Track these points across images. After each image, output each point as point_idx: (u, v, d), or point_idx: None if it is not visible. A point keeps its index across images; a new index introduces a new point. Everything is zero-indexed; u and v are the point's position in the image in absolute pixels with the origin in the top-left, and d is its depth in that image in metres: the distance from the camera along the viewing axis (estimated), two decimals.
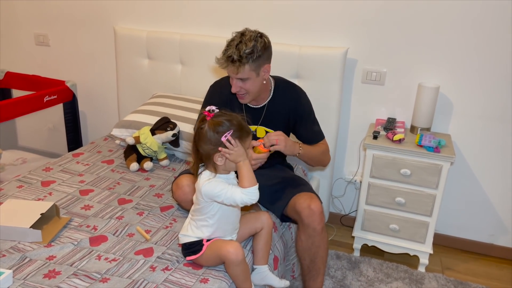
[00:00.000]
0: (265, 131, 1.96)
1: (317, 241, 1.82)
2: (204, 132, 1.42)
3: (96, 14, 2.96)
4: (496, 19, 2.19)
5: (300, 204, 1.80)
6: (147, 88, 2.87)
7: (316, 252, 1.84)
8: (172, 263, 1.57)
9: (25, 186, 2.05)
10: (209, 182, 1.44)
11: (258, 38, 1.73)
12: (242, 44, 1.70)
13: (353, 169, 2.71)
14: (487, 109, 2.35)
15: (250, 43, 1.70)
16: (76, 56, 3.14)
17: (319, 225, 1.78)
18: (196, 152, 1.47)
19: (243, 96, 1.85)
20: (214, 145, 1.41)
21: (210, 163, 1.46)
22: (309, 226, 1.79)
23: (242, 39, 1.71)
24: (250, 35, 1.73)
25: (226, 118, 1.43)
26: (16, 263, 1.53)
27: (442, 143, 2.21)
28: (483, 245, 2.59)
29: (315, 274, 1.90)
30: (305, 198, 1.82)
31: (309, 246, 1.83)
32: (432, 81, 2.38)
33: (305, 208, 1.78)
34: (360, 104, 2.57)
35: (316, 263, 1.87)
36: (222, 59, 1.73)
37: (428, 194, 2.25)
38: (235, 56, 1.69)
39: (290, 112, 1.95)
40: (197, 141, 1.45)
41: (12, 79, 3.09)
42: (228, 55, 1.70)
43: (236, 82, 1.79)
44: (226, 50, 1.72)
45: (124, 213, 1.88)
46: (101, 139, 2.68)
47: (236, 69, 1.72)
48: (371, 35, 2.42)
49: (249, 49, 1.69)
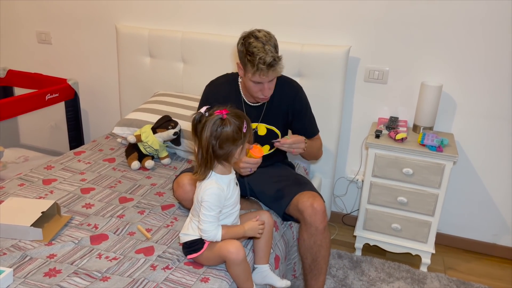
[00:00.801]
0: (266, 128, 1.96)
1: (319, 240, 1.81)
2: (228, 131, 1.41)
3: (98, 12, 2.96)
4: (499, 18, 2.17)
5: (303, 203, 1.80)
6: (149, 86, 2.86)
7: (318, 251, 1.84)
8: (172, 262, 1.56)
9: (26, 184, 2.05)
10: (210, 196, 1.45)
11: (270, 34, 1.73)
12: (267, 45, 1.68)
13: (355, 168, 2.70)
14: (490, 108, 2.34)
15: (271, 41, 1.70)
16: (78, 54, 3.14)
17: (321, 224, 1.78)
18: (212, 154, 1.43)
19: (269, 95, 1.83)
20: (237, 140, 1.42)
21: (225, 162, 1.47)
22: (311, 225, 1.79)
23: (263, 41, 1.68)
24: (264, 35, 1.70)
25: (234, 111, 1.45)
26: (16, 261, 1.53)
27: (445, 142, 2.19)
28: (486, 245, 2.58)
29: (317, 273, 1.89)
30: (308, 196, 1.81)
31: (311, 245, 1.83)
32: (435, 79, 2.37)
33: (308, 207, 1.78)
34: (362, 103, 2.56)
35: (318, 262, 1.87)
36: (260, 70, 1.67)
37: (430, 194, 2.23)
38: (276, 60, 1.67)
39: (288, 107, 1.96)
40: (219, 143, 1.41)
41: (14, 77, 3.10)
42: (268, 63, 1.66)
43: (268, 85, 1.76)
44: (262, 57, 1.65)
45: (125, 212, 1.88)
46: (103, 138, 2.68)
47: (275, 71, 1.70)
48: (374, 33, 2.40)
49: (274, 47, 1.70)
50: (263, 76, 1.69)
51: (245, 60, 1.70)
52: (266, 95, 1.80)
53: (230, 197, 1.50)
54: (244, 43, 1.70)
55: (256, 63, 1.66)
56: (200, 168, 1.47)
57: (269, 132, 1.97)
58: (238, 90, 1.94)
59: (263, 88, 1.76)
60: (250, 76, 1.72)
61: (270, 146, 2.01)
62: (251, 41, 1.69)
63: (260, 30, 1.74)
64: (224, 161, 1.47)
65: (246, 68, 1.72)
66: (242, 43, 1.71)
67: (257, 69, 1.67)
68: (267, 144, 2.00)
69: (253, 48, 1.67)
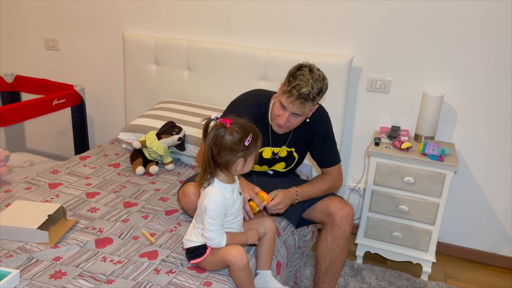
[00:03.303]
0: (286, 150, 1.97)
1: (343, 244, 1.90)
2: (227, 140, 1.43)
3: (105, 19, 3.01)
4: (501, 29, 2.21)
5: (334, 206, 1.88)
6: (154, 93, 2.90)
7: (339, 255, 1.92)
8: (176, 266, 1.59)
9: (33, 188, 2.08)
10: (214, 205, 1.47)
11: (325, 79, 1.70)
12: (314, 82, 1.64)
13: (356, 177, 2.72)
14: (491, 118, 2.36)
15: (321, 83, 1.66)
16: (84, 61, 3.19)
17: (348, 229, 1.88)
18: (211, 160, 1.46)
19: (284, 128, 1.79)
20: (236, 152, 1.44)
21: (225, 171, 1.49)
22: (339, 228, 1.87)
23: (313, 76, 1.65)
24: (319, 75, 1.67)
25: (242, 123, 1.47)
26: (23, 263, 1.55)
27: (446, 152, 2.22)
28: (486, 255, 2.59)
29: (331, 277, 1.96)
30: (339, 201, 1.91)
31: (334, 247, 1.90)
32: (437, 90, 2.40)
33: (339, 210, 1.86)
34: (364, 112, 2.59)
35: (335, 265, 1.94)
36: (291, 94, 1.64)
37: (431, 203, 2.25)
38: (311, 96, 1.64)
39: (309, 130, 1.92)
40: (218, 150, 1.44)
41: (21, 83, 3.14)
42: (302, 92, 1.62)
43: (289, 116, 1.72)
44: (299, 85, 1.63)
45: (129, 216, 1.91)
46: (108, 143, 2.72)
47: (303, 107, 1.66)
48: (376, 43, 2.44)
49: (319, 89, 1.66)
50: (289, 101, 1.66)
51: (287, 79, 1.69)
52: (281, 123, 1.74)
53: (232, 205, 1.52)
54: (297, 67, 1.69)
55: (292, 86, 1.64)
56: (202, 173, 1.50)
57: (289, 153, 1.99)
58: (266, 113, 1.90)
59: (283, 115, 1.72)
60: (280, 93, 1.71)
61: (286, 165, 2.02)
62: (304, 69, 1.67)
63: (319, 69, 1.71)
64: (224, 169, 1.49)
65: (284, 85, 1.70)
66: (296, 67, 1.70)
67: (289, 92, 1.65)
68: (283, 162, 2.01)
69: (300, 75, 1.65)
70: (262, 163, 1.98)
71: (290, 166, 2.03)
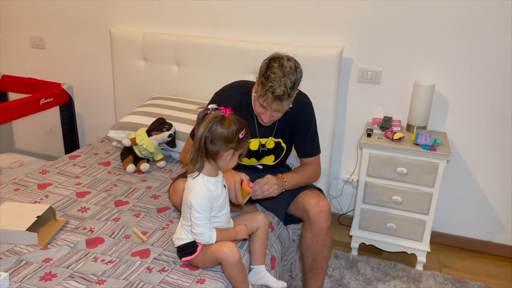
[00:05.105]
0: (273, 141, 1.95)
1: (322, 239, 1.84)
2: (224, 128, 1.41)
3: (91, 16, 2.96)
4: (490, 18, 2.20)
5: (308, 202, 1.81)
6: (144, 90, 2.87)
7: (320, 251, 1.86)
8: (168, 264, 1.57)
9: (21, 189, 2.05)
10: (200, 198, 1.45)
11: (297, 69, 1.66)
12: (286, 78, 1.61)
13: (350, 169, 2.71)
14: (482, 107, 2.36)
15: (293, 76, 1.63)
16: (72, 59, 3.14)
17: (325, 224, 1.81)
18: (201, 148, 1.44)
19: (269, 122, 1.79)
20: (229, 142, 1.42)
21: (212, 161, 1.46)
22: (316, 224, 1.81)
23: (284, 71, 1.61)
24: (290, 66, 1.63)
25: (238, 117, 1.46)
26: (12, 265, 1.53)
27: (438, 141, 2.21)
28: (481, 243, 2.60)
29: (317, 272, 1.91)
30: (314, 195, 1.84)
31: (314, 244, 1.85)
32: (428, 79, 2.39)
33: (313, 206, 1.80)
34: (356, 103, 2.57)
35: (319, 262, 1.89)
36: (266, 97, 1.63)
37: (424, 193, 2.25)
38: (285, 95, 1.62)
39: (293, 121, 1.91)
40: (212, 137, 1.42)
41: (8, 82, 3.09)
42: (276, 94, 1.60)
43: (271, 113, 1.72)
44: (272, 86, 1.60)
45: (120, 215, 1.88)
46: (98, 141, 2.68)
47: (281, 105, 1.64)
48: (366, 34, 2.42)
49: (292, 82, 1.63)
50: (266, 104, 1.66)
51: (260, 80, 1.66)
52: (265, 121, 1.75)
53: (218, 198, 1.50)
54: (268, 64, 1.66)
55: (266, 88, 1.61)
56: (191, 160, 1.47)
57: (277, 144, 1.97)
58: (250, 103, 1.88)
59: (265, 113, 1.72)
60: (257, 96, 1.70)
61: (275, 157, 2.00)
62: (274, 65, 1.63)
63: (290, 58, 1.67)
64: (212, 159, 1.46)
65: (258, 87, 1.68)
66: (266, 63, 1.67)
67: (264, 95, 1.63)
68: (273, 154, 1.99)
69: (271, 73, 1.62)
70: (250, 155, 1.95)
71: (279, 158, 2.00)
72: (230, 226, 1.61)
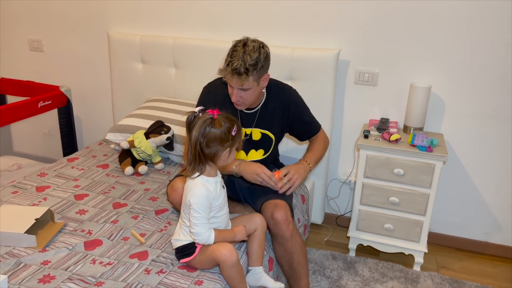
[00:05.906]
0: (260, 132, 1.98)
1: (289, 247, 1.80)
2: (216, 131, 1.43)
3: (89, 19, 2.97)
4: (486, 19, 2.21)
5: (264, 214, 1.79)
6: (142, 92, 2.88)
7: (291, 258, 1.82)
8: (166, 265, 1.58)
9: (20, 192, 2.05)
10: (199, 197, 1.46)
11: (261, 49, 1.73)
12: (247, 55, 1.68)
13: (347, 170, 2.73)
14: (478, 108, 2.37)
15: (254, 54, 1.69)
16: (70, 62, 3.15)
17: (286, 232, 1.77)
18: (197, 153, 1.45)
19: (240, 104, 1.85)
20: (224, 142, 1.44)
21: (211, 162, 1.48)
22: (277, 235, 1.79)
23: (246, 49, 1.70)
24: (253, 46, 1.71)
25: (226, 115, 1.47)
26: (11, 268, 1.53)
27: (434, 143, 2.22)
28: (478, 243, 2.61)
29: (297, 278, 1.87)
30: (269, 207, 1.80)
31: (282, 253, 1.83)
32: (424, 81, 2.40)
33: (269, 218, 1.77)
34: (353, 105, 2.59)
35: (294, 268, 1.85)
36: (226, 72, 1.71)
37: (421, 193, 2.26)
38: (242, 69, 1.68)
39: (283, 112, 1.97)
40: (206, 142, 1.43)
41: (6, 85, 3.10)
42: (234, 67, 1.68)
43: (237, 92, 1.78)
44: (231, 61, 1.69)
45: (119, 217, 1.89)
46: (96, 144, 2.69)
47: (241, 81, 1.71)
48: (363, 36, 2.43)
49: (253, 60, 1.69)
50: (227, 78, 1.74)
51: (225, 58, 1.75)
52: (233, 100, 1.82)
53: (217, 198, 1.52)
54: (234, 45, 1.75)
55: (226, 63, 1.71)
56: (190, 166, 1.48)
57: (264, 136, 1.99)
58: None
59: (232, 92, 1.80)
60: (222, 74, 1.77)
61: (264, 151, 2.03)
62: (238, 45, 1.73)
63: (256, 41, 1.75)
64: (211, 161, 1.48)
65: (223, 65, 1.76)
66: (233, 44, 1.76)
67: (225, 70, 1.72)
68: (261, 148, 2.02)
69: (234, 51, 1.72)
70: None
71: (268, 151, 2.01)
72: (229, 227, 1.62)
